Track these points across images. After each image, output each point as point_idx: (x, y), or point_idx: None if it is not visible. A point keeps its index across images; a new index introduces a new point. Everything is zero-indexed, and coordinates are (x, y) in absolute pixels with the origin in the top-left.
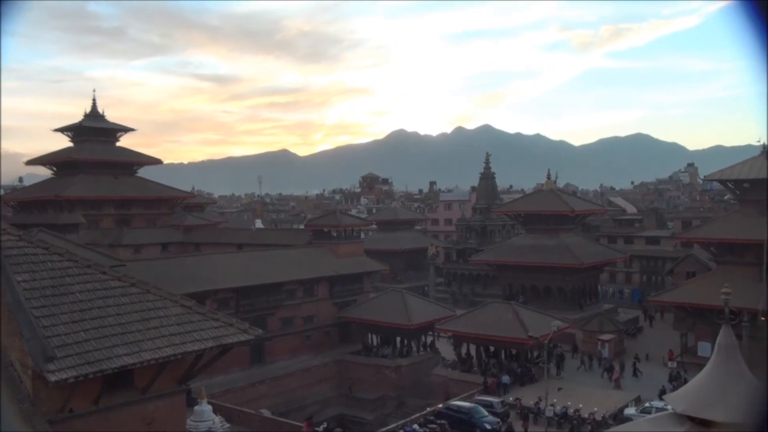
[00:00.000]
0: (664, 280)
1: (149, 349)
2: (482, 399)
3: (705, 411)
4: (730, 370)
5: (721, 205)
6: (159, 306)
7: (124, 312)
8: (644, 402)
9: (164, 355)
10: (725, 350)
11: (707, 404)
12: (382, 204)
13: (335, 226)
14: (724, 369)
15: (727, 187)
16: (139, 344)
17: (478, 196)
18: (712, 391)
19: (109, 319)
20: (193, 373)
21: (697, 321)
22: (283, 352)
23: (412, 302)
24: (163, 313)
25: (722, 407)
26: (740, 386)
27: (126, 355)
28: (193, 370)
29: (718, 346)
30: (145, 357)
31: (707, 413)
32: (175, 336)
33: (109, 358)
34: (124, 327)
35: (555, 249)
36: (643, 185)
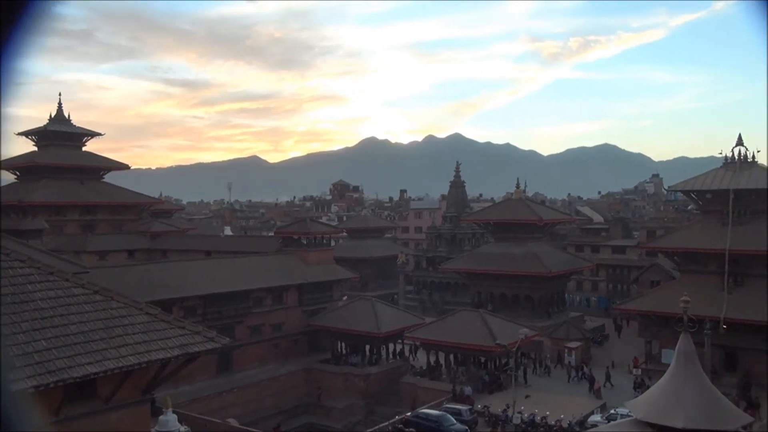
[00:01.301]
0: (629, 288)
1: (113, 358)
2: (451, 407)
3: (664, 417)
4: (688, 377)
5: (684, 215)
6: (123, 314)
7: (87, 320)
8: (609, 409)
9: (128, 363)
10: (684, 357)
11: (666, 411)
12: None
13: (305, 234)
14: (682, 376)
15: (690, 198)
16: (102, 353)
17: (448, 204)
18: (671, 398)
19: (71, 327)
20: (158, 382)
21: (661, 329)
22: (251, 360)
23: (382, 310)
24: (128, 321)
25: (681, 413)
26: (698, 392)
27: (89, 364)
28: (158, 379)
29: (678, 354)
30: (109, 366)
31: (666, 419)
32: (139, 344)
33: (71, 367)
34: (87, 335)
35: (523, 257)
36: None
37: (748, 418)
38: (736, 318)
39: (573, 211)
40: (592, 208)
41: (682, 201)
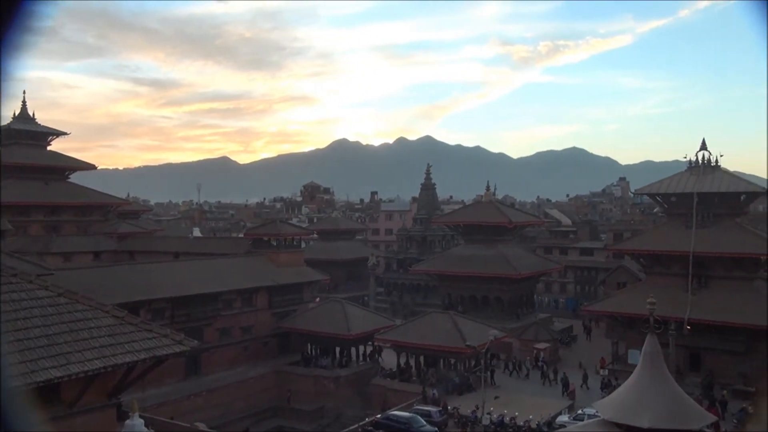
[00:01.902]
0: (596, 290)
1: (77, 362)
2: (421, 408)
3: (630, 417)
4: (654, 378)
5: (650, 218)
6: (88, 317)
7: (51, 323)
8: (577, 409)
9: (93, 367)
10: (650, 358)
11: (632, 411)
12: (323, 213)
13: (275, 235)
14: (648, 376)
15: (656, 201)
16: (66, 356)
17: (418, 206)
18: (638, 398)
19: (34, 331)
20: (125, 386)
21: (627, 330)
22: (220, 363)
23: (352, 312)
24: (93, 324)
25: (646, 414)
26: (663, 393)
27: (53, 368)
28: (125, 382)
29: (644, 355)
30: (73, 370)
31: (632, 420)
32: (105, 348)
33: (34, 371)
34: (51, 339)
35: (493, 259)
36: (578, 198)
37: (711, 417)
38: (699, 319)
39: (542, 213)
40: (561, 211)
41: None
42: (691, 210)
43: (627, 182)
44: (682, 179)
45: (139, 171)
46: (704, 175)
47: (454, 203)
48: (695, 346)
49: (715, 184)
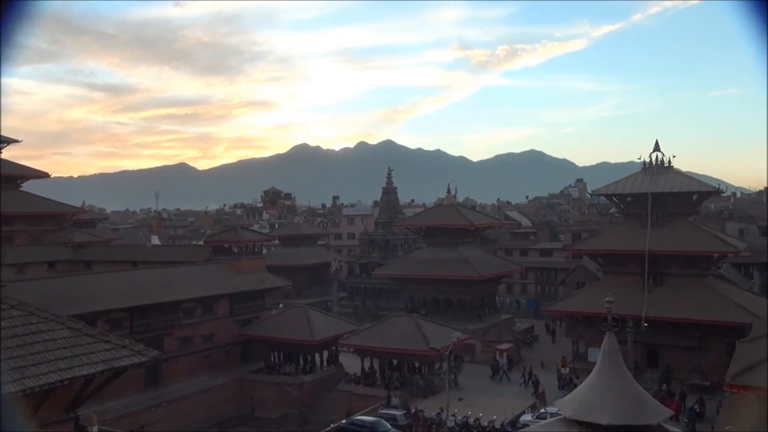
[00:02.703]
0: (557, 290)
1: (32, 376)
2: (385, 412)
3: (590, 415)
4: (612, 375)
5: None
6: (43, 329)
7: (5, 336)
8: (540, 408)
9: (49, 381)
10: (608, 356)
11: (592, 408)
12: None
13: (236, 242)
14: (607, 374)
15: (612, 201)
16: (21, 370)
17: (380, 210)
18: (597, 396)
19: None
20: (83, 400)
21: (587, 328)
22: (182, 373)
23: (315, 318)
24: (48, 336)
25: (606, 410)
26: (621, 389)
27: (6, 383)
28: (83, 396)
29: (602, 352)
30: (28, 384)
31: (592, 417)
32: (61, 360)
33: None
34: (5, 353)
35: (455, 262)
36: (537, 199)
37: (668, 412)
38: (656, 316)
39: (502, 215)
40: (521, 213)
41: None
42: (646, 210)
43: (584, 183)
44: (637, 180)
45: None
46: (658, 176)
47: (415, 207)
48: (653, 342)
49: (668, 184)
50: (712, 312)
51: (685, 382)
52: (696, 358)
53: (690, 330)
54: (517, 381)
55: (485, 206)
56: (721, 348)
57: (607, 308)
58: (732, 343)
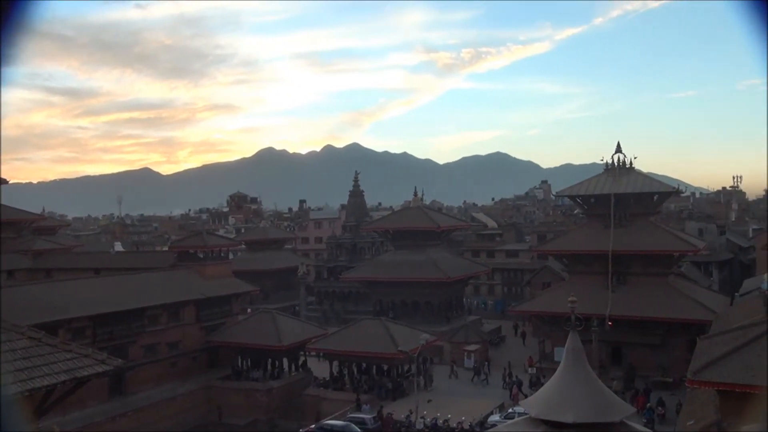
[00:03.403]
0: (523, 290)
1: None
2: (355, 416)
3: (556, 413)
4: (577, 374)
5: (571, 219)
6: (2, 339)
7: None
8: (508, 408)
9: (9, 393)
10: (573, 355)
11: (558, 407)
12: (251, 223)
13: (201, 247)
14: (572, 373)
15: (576, 203)
16: None
17: (347, 213)
18: (562, 394)
19: None
20: (44, 411)
21: (553, 328)
22: (147, 381)
23: (283, 322)
24: (7, 346)
25: (571, 409)
26: (586, 388)
27: None
28: (44, 407)
29: (567, 352)
30: None
31: (558, 415)
32: (21, 371)
33: None
34: None
35: (423, 264)
36: (503, 201)
37: (631, 409)
38: (619, 315)
39: (469, 217)
40: (487, 214)
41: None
42: (608, 210)
43: (549, 185)
44: (600, 181)
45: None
46: (620, 177)
47: (382, 210)
48: (617, 340)
49: (630, 185)
50: (673, 310)
51: (649, 379)
52: (659, 356)
53: (653, 328)
54: (496, 382)
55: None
56: (682, 345)
57: (570, 308)
58: (693, 340)
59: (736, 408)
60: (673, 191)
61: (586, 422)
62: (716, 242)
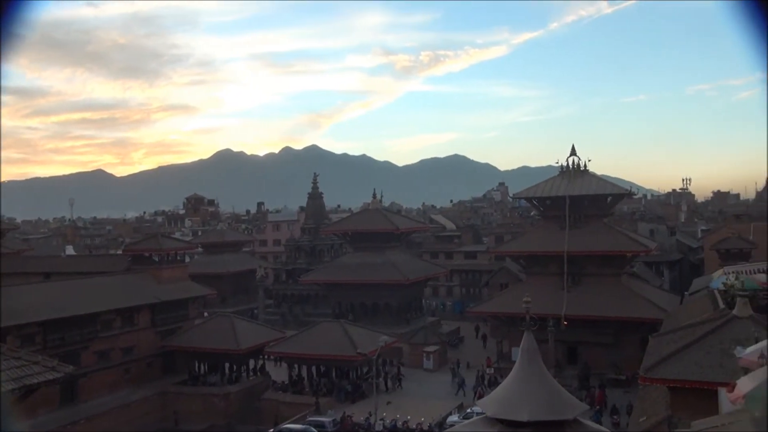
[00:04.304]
0: (481, 291)
1: None
2: (314, 420)
3: (511, 412)
4: (531, 373)
5: (528, 221)
6: None
7: None
8: (466, 408)
9: None
10: (527, 354)
11: (513, 406)
12: (208, 226)
13: (157, 251)
14: (527, 372)
15: (532, 204)
16: None
17: (306, 216)
18: (517, 393)
19: None
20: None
21: (510, 328)
22: (100, 388)
23: (241, 326)
24: None
25: (525, 407)
26: (540, 386)
27: None
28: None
29: (522, 351)
30: None
31: (513, 414)
32: None
33: None
34: None
35: (382, 266)
36: (461, 203)
37: (584, 406)
38: (574, 314)
39: (427, 219)
40: (445, 216)
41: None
42: (563, 212)
43: (506, 187)
44: (555, 183)
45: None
46: (574, 179)
47: (341, 212)
48: (572, 340)
49: (584, 187)
50: (626, 309)
51: (603, 377)
52: (612, 354)
53: (606, 327)
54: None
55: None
56: (635, 343)
57: (525, 308)
58: (645, 338)
59: (686, 403)
60: (626, 193)
61: (540, 420)
62: (666, 243)
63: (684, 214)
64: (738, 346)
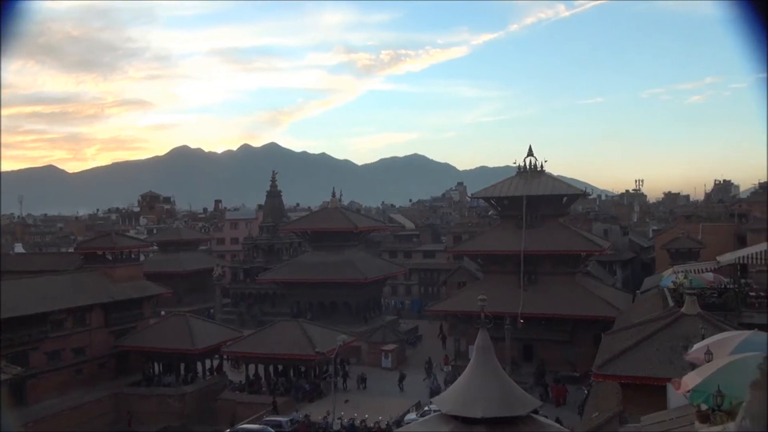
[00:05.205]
0: (439, 290)
1: None
2: (271, 420)
3: (465, 409)
4: (486, 370)
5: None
6: None
7: None
8: (424, 406)
9: None
10: (482, 352)
11: (467, 403)
12: (163, 224)
13: (110, 249)
14: (481, 369)
15: (490, 204)
16: None
17: (264, 214)
18: (471, 391)
19: None
20: None
21: (468, 327)
22: (50, 389)
23: (197, 326)
24: None
25: (480, 404)
26: (494, 384)
27: None
28: None
29: (476, 349)
30: None
31: (467, 411)
32: None
33: None
34: None
35: (340, 265)
36: (420, 202)
37: (537, 402)
38: (530, 313)
39: (387, 218)
40: (405, 216)
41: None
42: (521, 212)
43: (464, 187)
44: (513, 183)
45: None
46: (531, 180)
47: (301, 210)
48: (528, 338)
49: (541, 187)
50: (580, 307)
51: (558, 374)
52: (567, 351)
53: (561, 325)
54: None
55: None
56: (589, 341)
57: (480, 306)
58: (599, 335)
59: (636, 399)
60: (581, 194)
61: (494, 417)
62: (620, 242)
63: (636, 215)
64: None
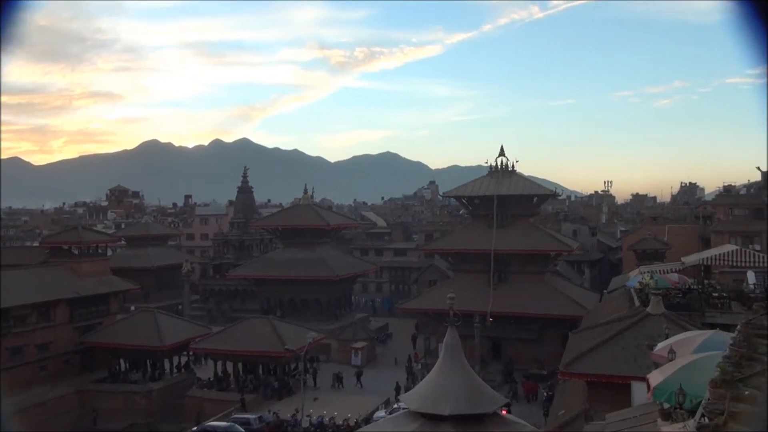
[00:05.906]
0: (410, 288)
1: None
2: (239, 417)
3: (433, 407)
4: (454, 368)
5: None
6: None
7: None
8: (393, 404)
9: None
10: (450, 350)
11: (435, 400)
12: (132, 219)
13: (76, 243)
14: (449, 367)
15: (461, 203)
16: None
17: (235, 210)
18: (439, 388)
19: None
20: None
21: (438, 325)
22: (12, 386)
23: (165, 322)
24: None
25: (447, 402)
26: (462, 381)
27: None
28: None
29: (445, 346)
30: None
31: (435, 408)
32: None
33: None
34: None
35: (311, 262)
36: (392, 200)
37: (503, 400)
38: (499, 311)
39: (358, 216)
40: (377, 213)
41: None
42: (491, 211)
43: (436, 185)
44: (484, 183)
45: None
46: (503, 179)
47: (272, 207)
48: (497, 336)
49: (512, 187)
50: (548, 306)
51: (526, 372)
52: (535, 349)
53: (530, 323)
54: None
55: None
56: (556, 339)
57: (449, 305)
58: (566, 334)
59: (602, 397)
60: (551, 194)
61: (461, 414)
62: (588, 243)
63: (605, 216)
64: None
